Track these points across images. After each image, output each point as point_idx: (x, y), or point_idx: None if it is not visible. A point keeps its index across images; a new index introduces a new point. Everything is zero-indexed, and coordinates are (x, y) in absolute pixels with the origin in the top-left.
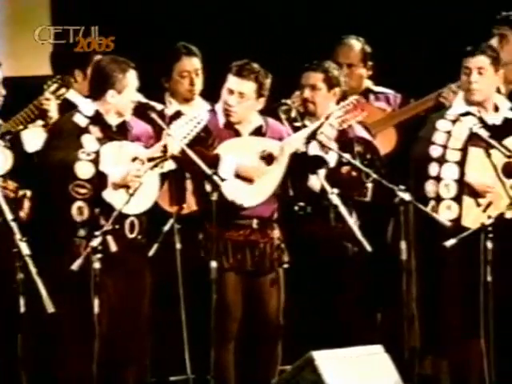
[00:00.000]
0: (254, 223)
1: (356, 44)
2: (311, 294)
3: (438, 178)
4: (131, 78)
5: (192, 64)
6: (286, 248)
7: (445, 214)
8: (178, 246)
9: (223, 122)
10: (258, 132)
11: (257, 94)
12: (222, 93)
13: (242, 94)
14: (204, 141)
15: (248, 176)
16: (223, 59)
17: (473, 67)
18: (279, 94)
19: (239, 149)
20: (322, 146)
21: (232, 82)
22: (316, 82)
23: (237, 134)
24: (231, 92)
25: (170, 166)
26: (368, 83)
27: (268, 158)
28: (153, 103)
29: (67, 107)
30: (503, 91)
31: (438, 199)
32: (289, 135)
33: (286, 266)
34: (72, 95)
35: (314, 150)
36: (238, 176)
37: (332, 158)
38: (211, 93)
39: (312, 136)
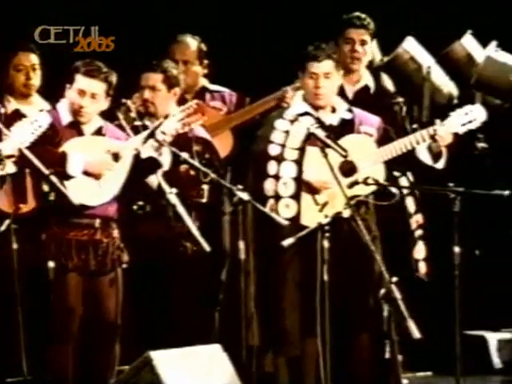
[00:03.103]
0: (97, 222)
1: (192, 42)
2: (149, 293)
3: (276, 177)
4: None
5: (28, 59)
6: (125, 247)
7: (284, 213)
8: (15, 245)
9: (68, 121)
10: (99, 132)
11: (106, 94)
12: (69, 93)
13: (95, 95)
14: (51, 139)
15: (96, 172)
16: None
17: (320, 72)
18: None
19: (85, 147)
20: (159, 146)
21: (83, 82)
22: (155, 83)
23: (80, 133)
24: (83, 93)
25: (9, 168)
26: (204, 82)
27: (114, 157)
28: None
29: None
30: (348, 92)
31: (277, 197)
32: (127, 137)
33: (124, 265)
34: None
35: (147, 152)
36: (86, 173)
37: (166, 160)
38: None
39: (151, 135)
